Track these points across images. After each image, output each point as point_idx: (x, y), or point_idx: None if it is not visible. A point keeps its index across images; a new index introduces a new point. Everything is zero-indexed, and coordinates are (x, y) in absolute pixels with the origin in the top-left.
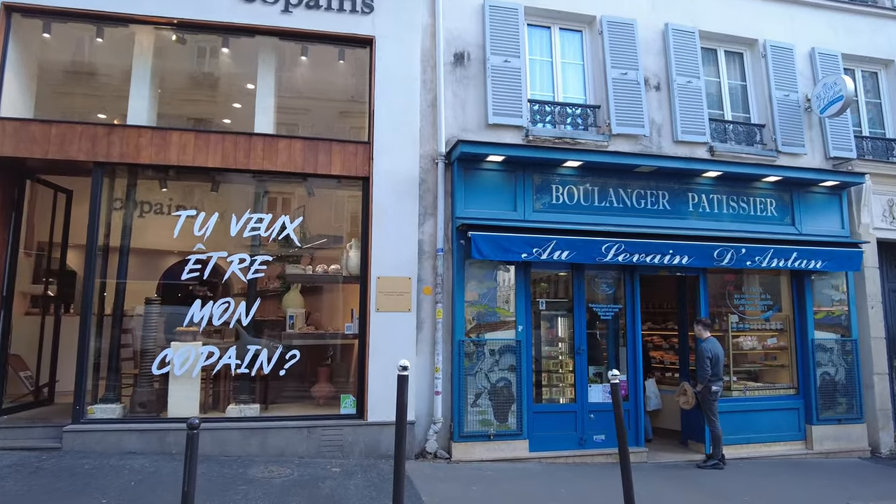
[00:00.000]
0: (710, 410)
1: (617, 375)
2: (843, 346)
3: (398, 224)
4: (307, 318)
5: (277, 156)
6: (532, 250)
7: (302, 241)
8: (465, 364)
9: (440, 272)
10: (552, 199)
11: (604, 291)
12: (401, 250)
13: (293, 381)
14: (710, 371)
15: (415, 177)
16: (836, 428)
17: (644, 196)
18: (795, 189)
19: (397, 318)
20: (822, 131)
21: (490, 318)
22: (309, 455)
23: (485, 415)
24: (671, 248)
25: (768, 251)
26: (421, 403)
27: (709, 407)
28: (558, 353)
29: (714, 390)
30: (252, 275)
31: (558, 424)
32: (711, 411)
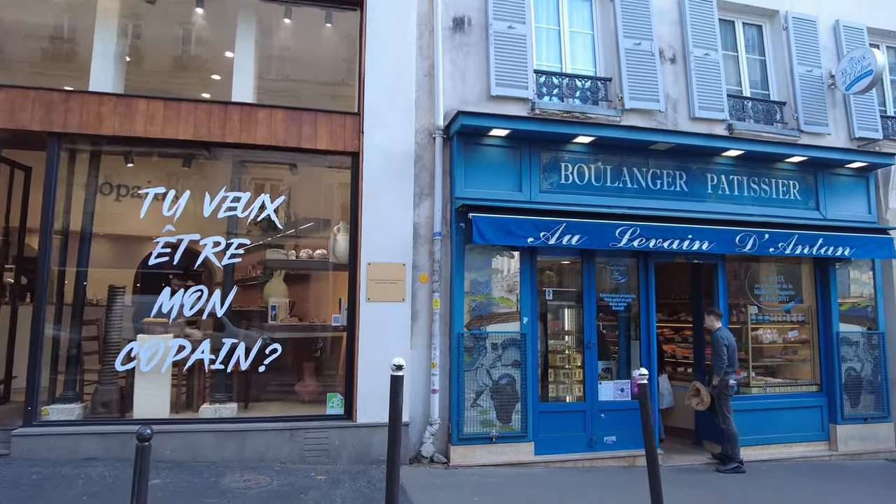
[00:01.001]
0: (726, 407)
1: (645, 375)
2: (870, 339)
3: (391, 205)
4: (291, 308)
5: (256, 128)
6: (539, 234)
7: (284, 223)
8: (465, 359)
9: (437, 258)
10: (561, 179)
11: (615, 280)
12: (394, 234)
13: (275, 377)
14: (727, 361)
15: (410, 153)
16: (861, 427)
17: (660, 176)
18: (820, 171)
19: (390, 309)
20: (846, 110)
21: (492, 309)
22: (291, 460)
23: (486, 415)
24: (690, 233)
25: (792, 237)
26: (416, 403)
27: (724, 403)
28: (565, 348)
29: (731, 384)
30: (228, 260)
31: (566, 425)
32: (727, 408)
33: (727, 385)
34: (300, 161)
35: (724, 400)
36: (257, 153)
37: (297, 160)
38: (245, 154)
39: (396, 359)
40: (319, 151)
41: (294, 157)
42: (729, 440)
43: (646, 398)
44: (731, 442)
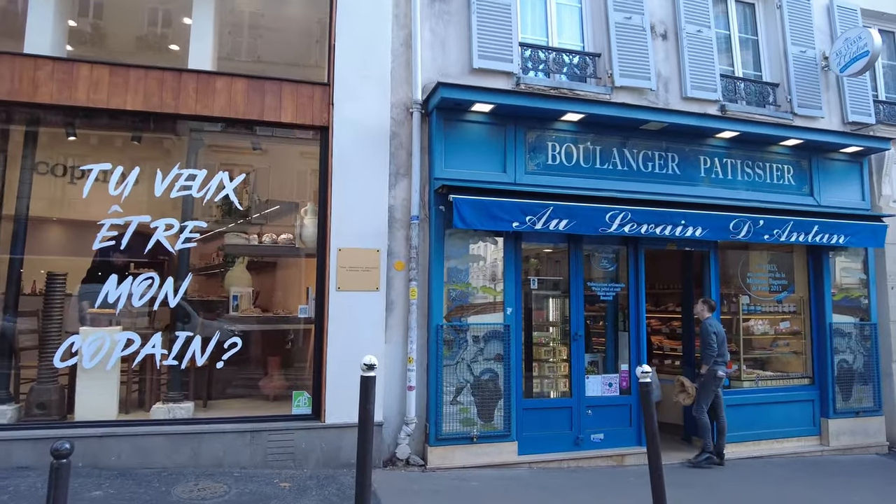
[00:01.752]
0: (704, 397)
1: (648, 373)
2: (862, 330)
3: (364, 185)
4: (255, 298)
5: (214, 98)
6: (525, 218)
7: (246, 204)
8: (444, 353)
9: (415, 244)
10: (548, 160)
11: (604, 268)
12: (367, 217)
13: (237, 373)
14: (717, 349)
15: (385, 128)
16: (853, 421)
17: (651, 158)
18: (814, 155)
19: (362, 299)
20: (839, 93)
21: (474, 299)
22: (253, 465)
23: (467, 413)
24: (683, 219)
25: (787, 223)
26: (391, 401)
27: (705, 393)
28: (550, 340)
29: (720, 375)
30: (182, 244)
31: (551, 422)
32: (705, 398)
33: (714, 376)
34: (263, 136)
35: (705, 390)
36: (215, 126)
37: (260, 135)
38: (201, 127)
39: (368, 357)
40: (284, 125)
41: (256, 132)
42: (700, 429)
43: (649, 398)
44: (702, 431)
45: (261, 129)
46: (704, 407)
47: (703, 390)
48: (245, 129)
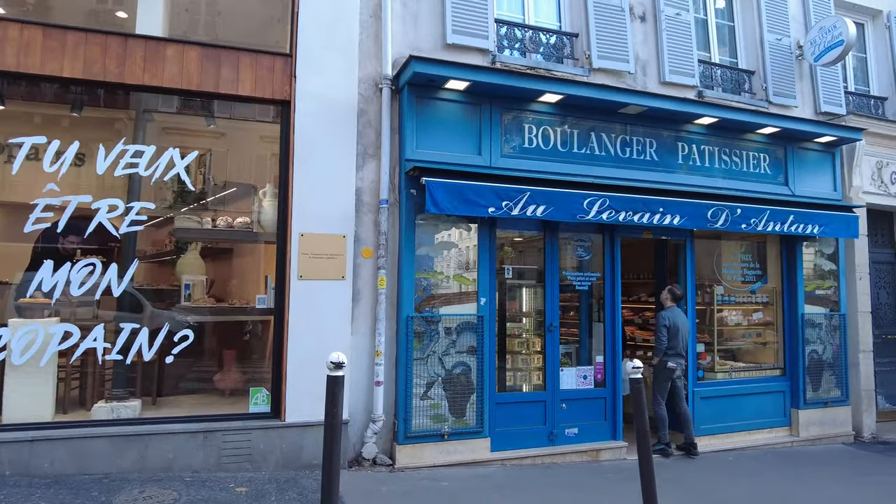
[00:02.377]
0: (658, 389)
1: (639, 368)
2: (831, 321)
3: (329, 166)
4: (210, 287)
5: (164, 67)
6: (502, 204)
7: (199, 185)
8: (415, 346)
9: (384, 230)
10: (524, 143)
11: (579, 257)
12: (332, 200)
13: (191, 368)
14: (667, 342)
15: (352, 104)
16: (822, 412)
17: (629, 144)
18: (790, 144)
19: (326, 289)
20: (812, 83)
21: (446, 288)
22: (206, 468)
23: (438, 409)
24: (661, 206)
25: (764, 213)
26: (357, 397)
27: (657, 385)
28: (524, 331)
29: (670, 367)
30: (127, 227)
31: (524, 417)
32: (659, 390)
33: (664, 367)
34: (219, 110)
35: (657, 382)
36: (165, 98)
37: (215, 109)
38: (150, 99)
39: (335, 354)
40: (242, 98)
41: (211, 105)
42: (658, 421)
43: (640, 395)
44: (658, 423)
45: (216, 103)
46: (660, 399)
47: (656, 382)
48: (199, 102)
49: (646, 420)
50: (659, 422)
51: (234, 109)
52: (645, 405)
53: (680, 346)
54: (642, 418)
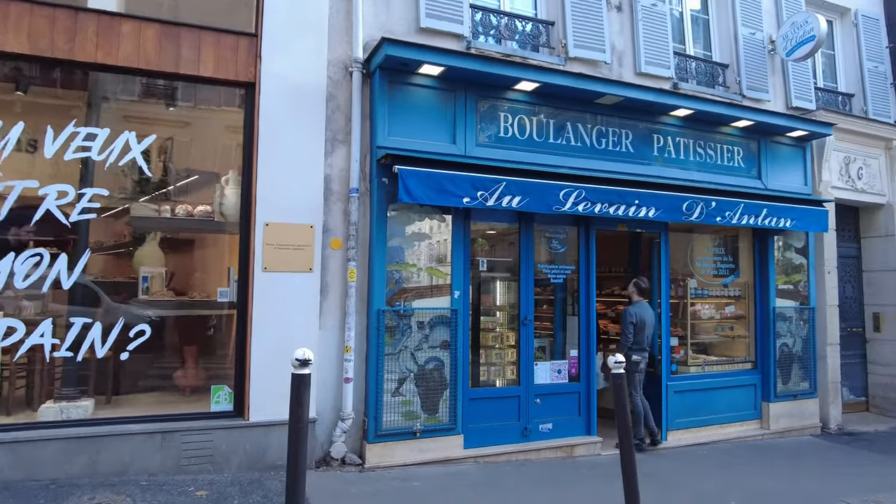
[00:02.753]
0: (631, 383)
1: (621, 363)
2: (802, 314)
3: (296, 152)
4: (170, 280)
5: (119, 44)
6: (477, 194)
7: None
8: (386, 341)
9: (354, 220)
10: (500, 132)
11: (554, 250)
12: (299, 188)
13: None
14: (632, 338)
15: (321, 88)
16: (791, 404)
17: (605, 135)
18: (763, 138)
19: (293, 281)
20: (784, 78)
21: (419, 281)
22: (164, 471)
23: (410, 406)
24: (637, 198)
25: (738, 206)
26: (325, 394)
27: (630, 379)
28: (497, 325)
29: (635, 360)
30: (79, 216)
31: (498, 413)
32: (632, 384)
33: (629, 361)
34: (179, 92)
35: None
36: (121, 79)
37: (175, 91)
38: (104, 79)
39: (301, 350)
40: (204, 80)
41: (171, 87)
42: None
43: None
44: (633, 418)
45: (177, 85)
46: (633, 393)
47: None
48: (157, 83)
49: (628, 417)
50: (636, 417)
51: (196, 91)
52: (627, 401)
53: (645, 342)
54: (624, 415)
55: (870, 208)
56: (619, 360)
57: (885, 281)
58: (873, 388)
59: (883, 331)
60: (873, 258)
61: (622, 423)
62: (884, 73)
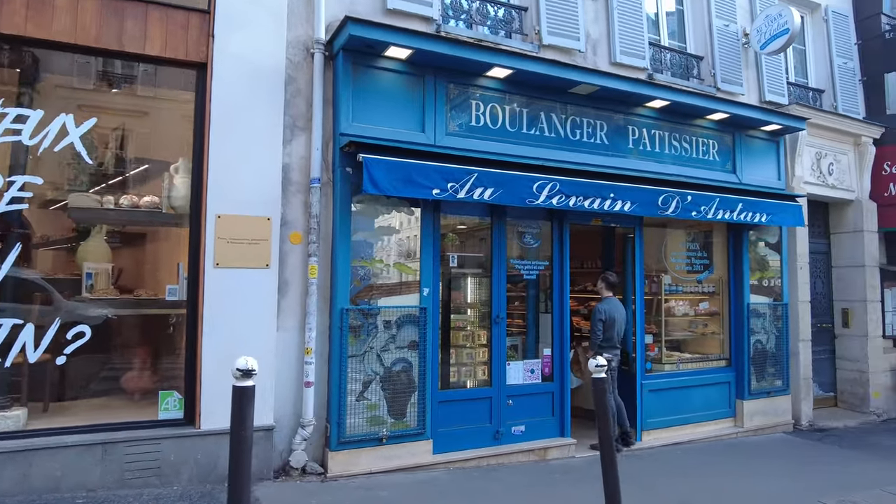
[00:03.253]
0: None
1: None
2: (775, 311)
3: (252, 139)
4: (116, 277)
5: (53, 17)
6: (447, 185)
7: (99, 158)
8: (350, 341)
9: (315, 212)
10: (471, 120)
11: (527, 245)
12: (255, 178)
13: (93, 370)
14: (601, 335)
15: (279, 70)
16: (765, 402)
17: (580, 126)
18: (738, 132)
19: (248, 278)
20: (757, 72)
21: (386, 278)
22: (105, 486)
23: (375, 410)
24: (612, 192)
25: (714, 200)
26: (284, 400)
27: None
28: (468, 323)
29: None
30: (7, 206)
31: (469, 415)
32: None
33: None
34: (123, 71)
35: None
36: (56, 55)
37: (119, 70)
38: (37, 55)
39: (243, 360)
40: (151, 59)
41: (114, 66)
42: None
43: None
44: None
45: (120, 64)
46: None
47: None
48: (98, 60)
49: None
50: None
51: (143, 72)
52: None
53: (616, 339)
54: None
55: (839, 204)
56: (599, 364)
57: (854, 277)
58: (841, 384)
59: (851, 326)
60: (842, 254)
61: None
62: (852, 70)
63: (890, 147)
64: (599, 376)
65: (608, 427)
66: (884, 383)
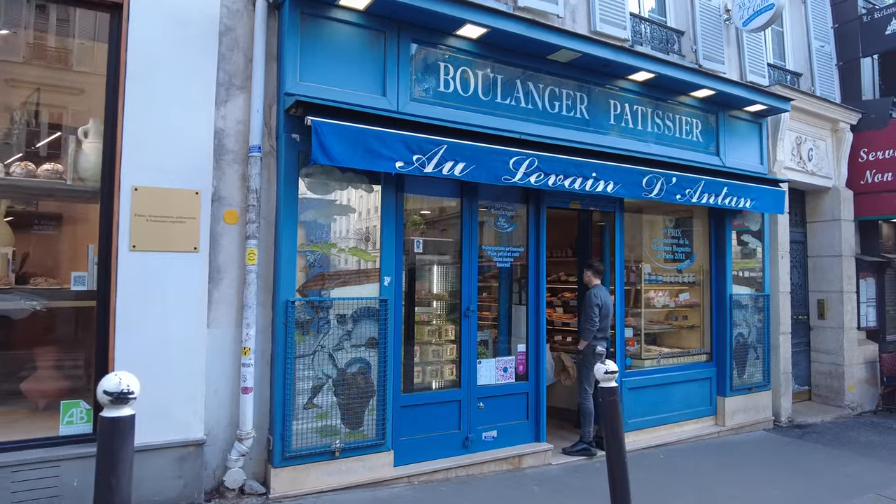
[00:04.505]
0: (587, 377)
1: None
2: (756, 302)
3: (177, 97)
4: (21, 263)
5: None
6: (413, 158)
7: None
8: (297, 339)
9: (255, 186)
10: (439, 85)
11: (501, 229)
12: (181, 145)
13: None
14: (598, 323)
15: (212, 18)
16: (745, 398)
17: (559, 97)
18: (722, 111)
19: (172, 264)
20: (738, 50)
21: (340, 265)
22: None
23: (327, 419)
24: (594, 171)
25: (699, 183)
26: (217, 409)
27: (586, 373)
28: (434, 317)
29: (599, 352)
30: None
31: (435, 421)
32: (587, 380)
33: (594, 352)
34: (18, 13)
35: (585, 369)
36: None
37: (12, 10)
38: None
39: (113, 378)
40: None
41: (5, 5)
42: (583, 415)
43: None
44: (584, 418)
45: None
46: (588, 389)
47: (583, 369)
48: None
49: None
50: (585, 416)
51: (44, 14)
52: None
53: (608, 329)
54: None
55: (816, 192)
56: (610, 371)
57: (831, 267)
58: (816, 377)
59: (827, 318)
60: (819, 243)
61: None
62: (829, 54)
63: (866, 134)
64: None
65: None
66: (858, 376)
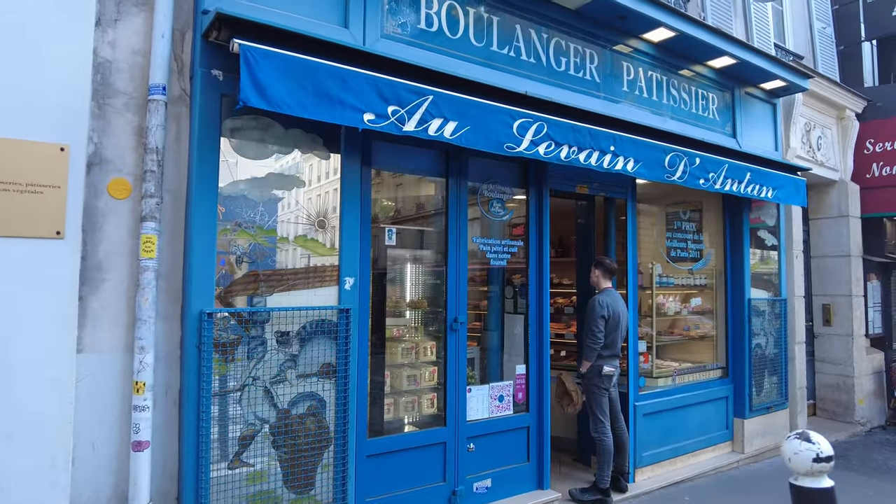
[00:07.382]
0: (597, 405)
1: (828, 465)
2: (774, 308)
3: (34, 10)
4: None
5: None
6: (387, 109)
7: None
8: (219, 369)
9: (156, 144)
10: (420, 22)
11: (496, 216)
12: (39, 78)
13: None
14: (603, 339)
15: None
16: (763, 419)
17: (566, 52)
18: (737, 87)
19: (20, 255)
20: (746, 24)
21: (283, 259)
22: None
23: (263, 482)
24: (612, 144)
25: (723, 167)
26: (95, 473)
27: (595, 400)
28: (410, 330)
29: (606, 373)
30: None
31: (413, 472)
32: (599, 407)
33: (599, 374)
34: None
35: (593, 396)
36: None
37: None
38: None
39: None
40: None
41: None
42: (600, 455)
43: None
44: (602, 457)
45: None
46: (603, 420)
47: (591, 396)
48: None
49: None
50: (603, 456)
51: None
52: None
53: (618, 344)
54: None
55: (822, 185)
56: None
57: (837, 268)
58: (821, 390)
59: (834, 324)
60: (824, 242)
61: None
62: (830, 36)
63: (872, 123)
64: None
65: None
66: (867, 389)
